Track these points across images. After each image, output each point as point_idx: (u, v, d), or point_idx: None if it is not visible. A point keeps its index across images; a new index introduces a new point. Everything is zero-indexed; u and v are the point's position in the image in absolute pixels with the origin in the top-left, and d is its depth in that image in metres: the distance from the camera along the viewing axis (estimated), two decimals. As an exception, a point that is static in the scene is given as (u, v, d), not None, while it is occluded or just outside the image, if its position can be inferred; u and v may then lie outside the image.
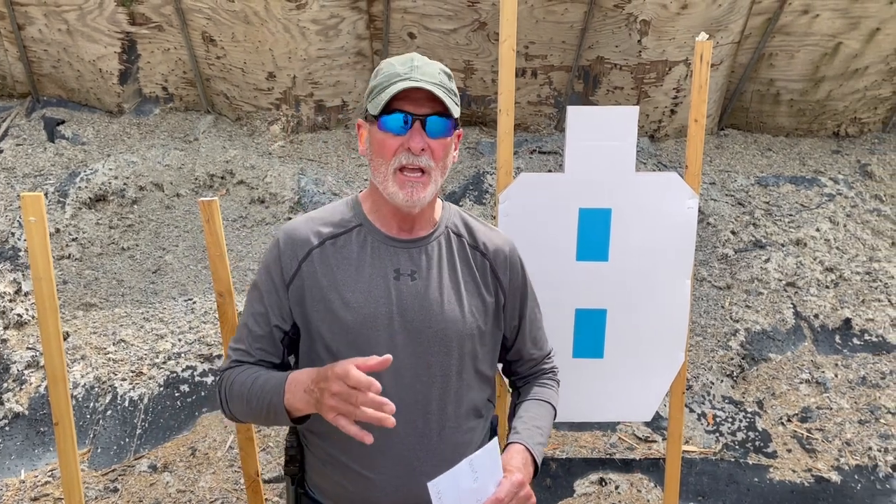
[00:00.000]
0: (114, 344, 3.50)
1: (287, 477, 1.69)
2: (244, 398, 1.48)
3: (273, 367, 1.57)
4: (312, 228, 1.57)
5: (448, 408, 1.56)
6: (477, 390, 1.63)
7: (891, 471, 3.20)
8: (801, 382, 3.62)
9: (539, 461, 1.57)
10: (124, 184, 4.33)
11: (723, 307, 3.98)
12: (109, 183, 4.30)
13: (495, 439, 1.48)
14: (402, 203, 1.49)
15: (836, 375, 3.65)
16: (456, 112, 1.49)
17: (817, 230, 4.41)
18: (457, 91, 1.54)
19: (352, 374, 1.25)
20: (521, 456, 1.54)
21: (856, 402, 3.53)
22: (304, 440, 1.65)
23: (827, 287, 4.10)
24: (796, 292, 4.06)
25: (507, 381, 1.88)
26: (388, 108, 1.46)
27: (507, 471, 1.47)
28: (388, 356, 1.29)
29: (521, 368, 1.79)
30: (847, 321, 3.90)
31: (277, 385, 1.43)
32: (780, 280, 4.10)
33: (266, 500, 2.74)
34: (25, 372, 3.35)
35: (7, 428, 3.18)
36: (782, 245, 4.32)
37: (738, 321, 3.88)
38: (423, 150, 1.46)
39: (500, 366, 1.82)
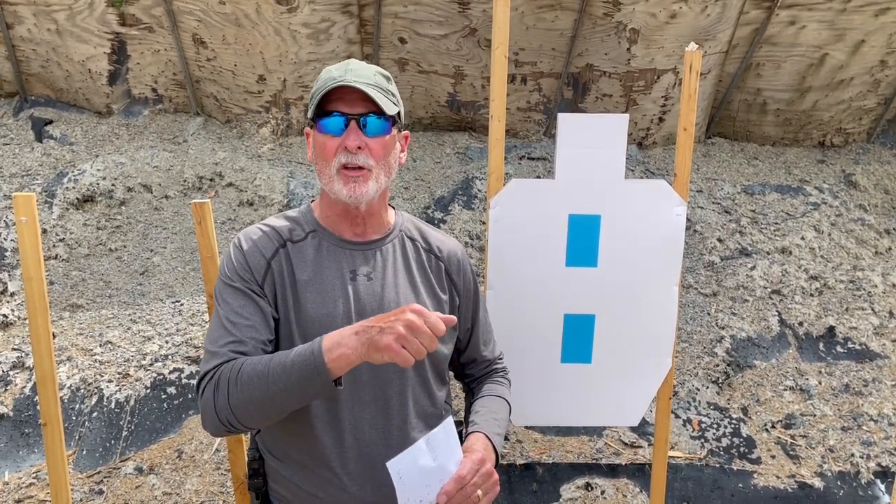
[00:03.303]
0: (100, 345, 3.49)
1: (251, 492, 1.69)
2: (262, 375, 1.35)
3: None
4: (272, 232, 1.59)
5: (408, 404, 1.59)
6: (436, 388, 1.66)
7: (873, 477, 3.23)
8: (785, 389, 3.65)
9: (499, 450, 1.59)
10: (112, 185, 4.31)
11: (709, 314, 4.01)
12: (97, 184, 4.28)
13: (450, 418, 1.49)
14: (346, 199, 1.52)
15: (819, 383, 3.69)
16: (391, 110, 1.51)
17: (802, 238, 4.45)
18: (396, 92, 1.57)
19: (430, 314, 1.26)
20: (482, 442, 1.55)
21: (839, 410, 3.57)
22: (264, 450, 1.65)
23: (811, 295, 4.15)
24: (781, 300, 4.10)
25: (460, 384, 1.92)
26: (326, 112, 1.49)
27: (468, 452, 1.47)
28: (453, 317, 1.31)
29: (475, 370, 1.84)
30: (831, 329, 3.94)
31: (308, 347, 1.34)
32: (766, 288, 4.14)
33: (253, 502, 2.73)
34: (10, 373, 3.33)
35: (-9, 429, 3.16)
36: (768, 253, 4.37)
37: (723, 328, 3.91)
38: (359, 148, 1.49)
39: (451, 372, 1.86)
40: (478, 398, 1.76)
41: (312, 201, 1.69)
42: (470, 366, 1.84)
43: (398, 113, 1.56)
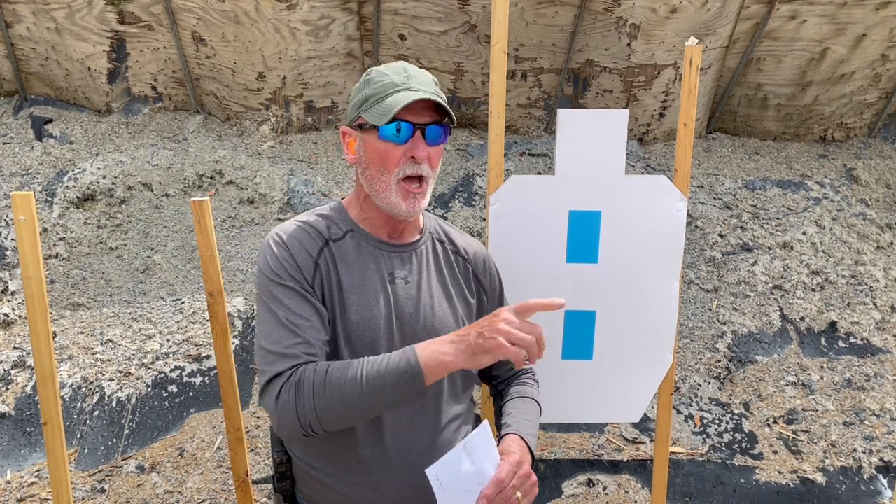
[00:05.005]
0: (101, 344, 3.49)
1: (278, 494, 1.67)
2: (354, 380, 1.35)
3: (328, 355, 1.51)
4: (313, 230, 1.56)
5: (442, 407, 1.59)
6: (463, 389, 1.67)
7: (875, 472, 3.23)
8: (787, 385, 3.65)
9: (534, 451, 1.58)
10: (112, 183, 4.31)
11: (710, 310, 4.00)
12: (97, 182, 4.28)
13: (486, 421, 1.48)
14: (402, 213, 1.51)
15: (821, 378, 3.69)
16: (454, 120, 1.52)
17: (804, 234, 4.44)
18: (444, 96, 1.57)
19: (526, 305, 1.31)
20: (518, 444, 1.54)
21: (841, 405, 3.57)
22: (293, 453, 1.63)
23: (813, 290, 4.14)
24: (783, 295, 4.09)
25: (488, 387, 1.90)
26: (389, 118, 1.46)
27: (505, 455, 1.47)
28: (563, 300, 1.33)
29: (501, 371, 1.82)
30: (833, 324, 3.93)
31: (401, 355, 1.36)
32: (767, 283, 4.13)
33: (255, 500, 2.73)
34: (12, 372, 3.33)
35: (-7, 428, 3.16)
36: (769, 248, 4.36)
37: (725, 324, 3.90)
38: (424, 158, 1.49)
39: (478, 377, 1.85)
40: (507, 400, 1.74)
41: (343, 199, 1.66)
42: (496, 367, 1.81)
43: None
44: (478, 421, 1.76)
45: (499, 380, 1.83)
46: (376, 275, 1.55)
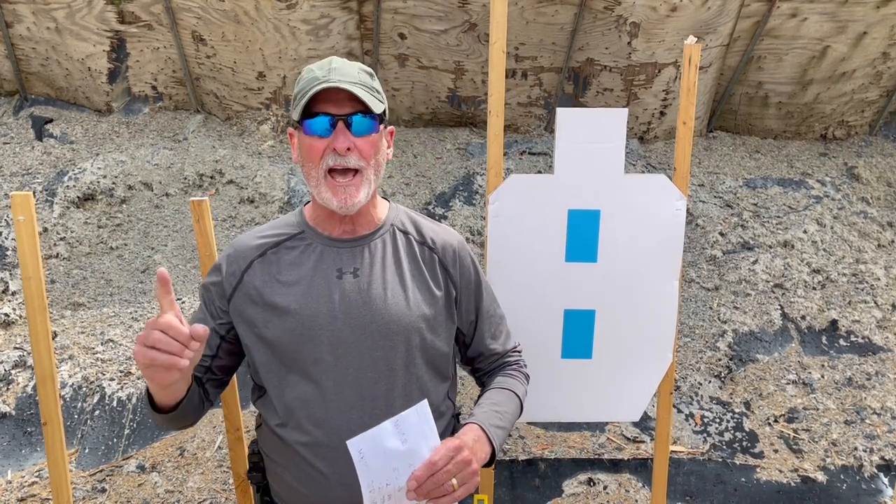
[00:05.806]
0: (102, 344, 3.49)
1: (252, 485, 1.71)
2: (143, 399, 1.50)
3: (203, 369, 1.63)
4: (255, 241, 1.61)
5: (396, 403, 1.54)
6: (430, 385, 1.61)
7: (876, 471, 3.23)
8: (787, 383, 3.65)
9: (496, 444, 1.51)
10: (113, 183, 4.31)
11: (711, 308, 4.00)
12: (98, 182, 4.28)
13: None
14: (336, 209, 1.51)
15: (822, 376, 3.68)
16: (377, 108, 1.49)
17: (804, 232, 4.44)
18: (381, 89, 1.56)
19: (161, 280, 1.27)
20: (474, 433, 1.47)
21: (842, 403, 3.56)
22: (262, 447, 1.66)
23: (814, 288, 4.14)
24: (784, 294, 4.08)
25: (474, 379, 1.88)
26: (312, 113, 1.47)
27: (448, 440, 1.41)
28: (165, 272, 1.28)
29: (484, 364, 1.78)
30: (833, 322, 3.93)
31: None
32: (768, 281, 4.13)
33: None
34: (12, 372, 3.34)
35: (-6, 428, 3.17)
36: (770, 247, 4.35)
37: (725, 322, 3.90)
38: (348, 149, 1.47)
39: (466, 368, 1.83)
40: (485, 391, 1.69)
41: (305, 204, 1.68)
42: (478, 360, 1.77)
43: (384, 110, 1.53)
44: (455, 420, 1.74)
45: (481, 371, 1.80)
46: (320, 273, 1.55)
